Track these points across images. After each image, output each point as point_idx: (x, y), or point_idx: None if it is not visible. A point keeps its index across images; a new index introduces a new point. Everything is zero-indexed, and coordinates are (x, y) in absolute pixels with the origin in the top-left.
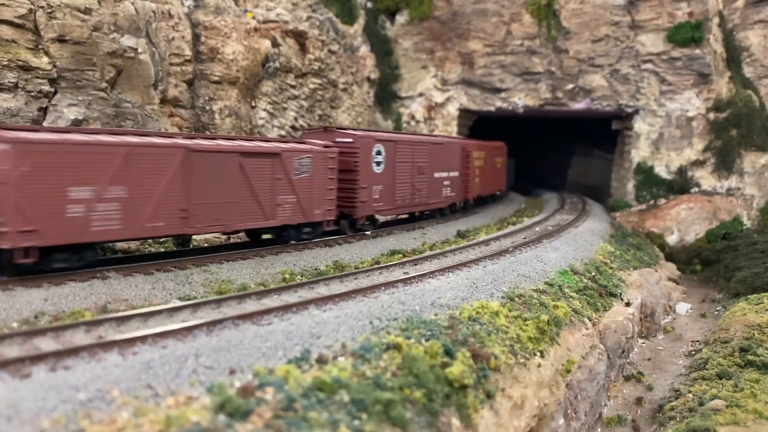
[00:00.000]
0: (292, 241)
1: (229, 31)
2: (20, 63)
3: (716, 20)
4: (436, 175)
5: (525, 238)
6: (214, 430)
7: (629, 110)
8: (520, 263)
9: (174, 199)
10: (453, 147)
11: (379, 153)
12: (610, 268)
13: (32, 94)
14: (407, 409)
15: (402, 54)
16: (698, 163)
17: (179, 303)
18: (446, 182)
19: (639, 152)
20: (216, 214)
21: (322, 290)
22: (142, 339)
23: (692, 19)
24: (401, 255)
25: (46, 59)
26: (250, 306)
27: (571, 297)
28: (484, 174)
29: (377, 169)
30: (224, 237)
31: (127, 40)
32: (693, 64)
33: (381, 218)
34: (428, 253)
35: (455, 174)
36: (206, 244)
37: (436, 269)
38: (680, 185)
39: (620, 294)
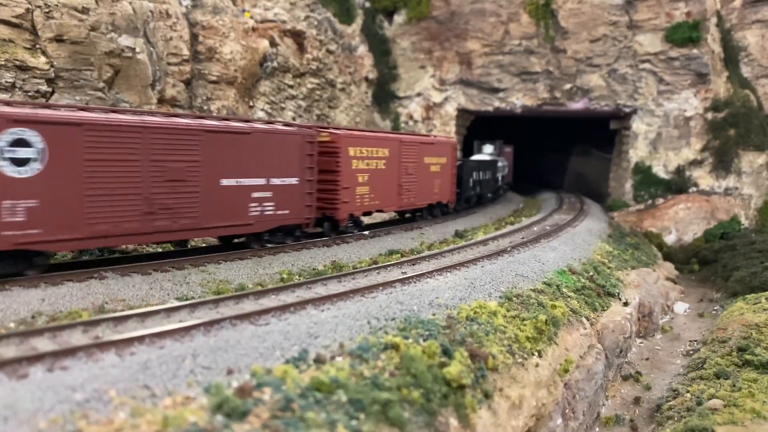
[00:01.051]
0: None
1: (227, 31)
2: (18, 63)
3: (714, 20)
4: (225, 182)
5: (523, 237)
6: (211, 430)
7: (627, 110)
8: (518, 263)
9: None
10: (286, 139)
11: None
12: (608, 267)
13: (30, 93)
14: (405, 409)
15: (400, 54)
16: (696, 163)
17: (177, 303)
18: (259, 194)
19: (637, 152)
20: None
21: (320, 290)
22: (140, 339)
23: (690, 19)
24: (399, 255)
25: (43, 59)
26: (248, 306)
27: (569, 297)
28: (388, 180)
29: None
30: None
31: (125, 40)
32: (691, 63)
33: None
34: (426, 253)
35: (291, 181)
36: (204, 245)
37: (434, 269)
38: (678, 185)
39: (618, 294)
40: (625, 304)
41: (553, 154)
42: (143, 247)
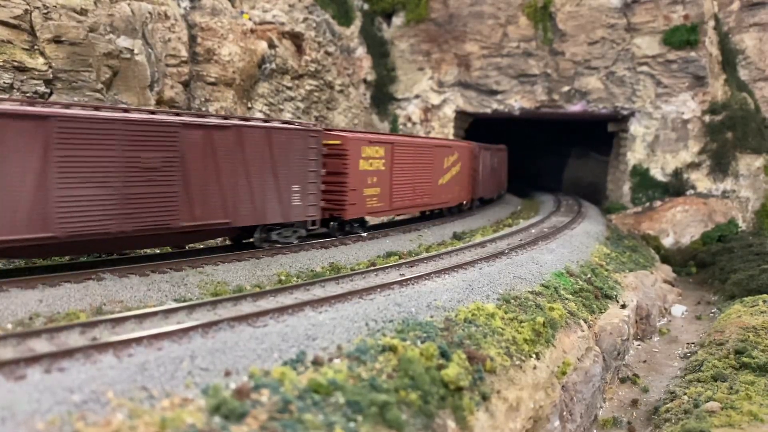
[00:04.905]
0: None
1: (225, 33)
2: (16, 64)
3: (712, 23)
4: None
5: (521, 240)
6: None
7: (625, 112)
8: (516, 265)
9: None
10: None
11: None
12: (606, 270)
13: (28, 95)
14: (403, 411)
15: (398, 56)
16: (693, 166)
17: (175, 304)
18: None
19: (635, 154)
20: None
21: (318, 292)
22: (138, 340)
23: (688, 22)
24: (397, 257)
25: (41, 60)
26: (246, 308)
27: (566, 299)
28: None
29: None
30: (219, 239)
31: (123, 41)
32: (688, 66)
33: None
34: (424, 255)
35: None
36: (201, 246)
37: (432, 271)
38: (676, 187)
39: (616, 296)
40: (623, 306)
41: (551, 156)
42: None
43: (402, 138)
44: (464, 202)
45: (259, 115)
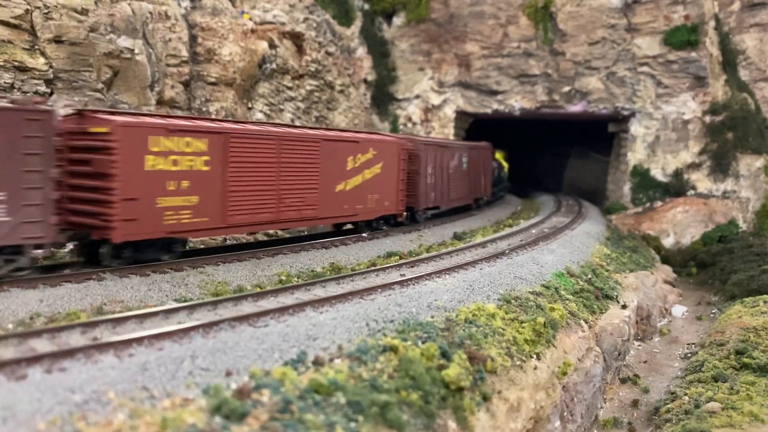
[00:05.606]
0: None
1: (226, 33)
2: (16, 64)
3: (712, 23)
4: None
5: (521, 240)
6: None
7: (625, 113)
8: (517, 265)
9: None
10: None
11: None
12: (606, 270)
13: (28, 95)
14: (404, 411)
15: (399, 56)
16: (694, 166)
17: (175, 305)
18: None
19: (635, 155)
20: None
21: (319, 292)
22: (138, 341)
23: (688, 23)
24: (398, 257)
25: (42, 60)
26: (247, 308)
27: (567, 299)
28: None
29: None
30: (220, 239)
31: (124, 41)
32: (689, 67)
33: None
34: (425, 255)
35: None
36: (202, 246)
37: (432, 271)
38: (676, 188)
39: (616, 296)
40: (623, 307)
41: (551, 156)
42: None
43: (248, 128)
44: (398, 214)
45: (259, 115)
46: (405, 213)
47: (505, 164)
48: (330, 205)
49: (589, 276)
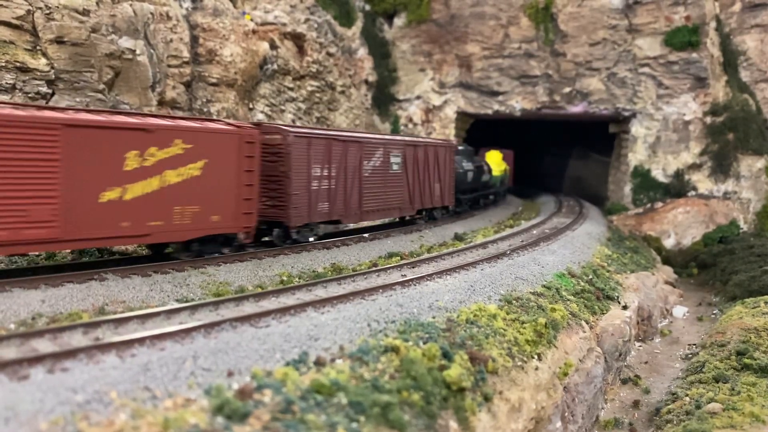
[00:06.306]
0: None
1: (227, 33)
2: (18, 64)
3: (713, 24)
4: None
5: (522, 241)
6: None
7: (626, 114)
8: (518, 266)
9: None
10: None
11: None
12: (607, 271)
13: (30, 95)
14: (405, 411)
15: (400, 57)
16: (695, 167)
17: (177, 305)
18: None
19: (636, 155)
20: None
21: (320, 292)
22: (140, 341)
23: (689, 23)
24: (399, 258)
25: (43, 60)
26: (248, 308)
27: (568, 300)
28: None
29: None
30: None
31: (125, 42)
32: (690, 68)
33: None
34: (426, 255)
35: None
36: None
37: (433, 272)
38: (677, 189)
39: (617, 297)
40: (624, 307)
41: (552, 157)
42: (142, 248)
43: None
44: (241, 232)
45: (260, 115)
46: (251, 232)
47: (503, 165)
48: (84, 221)
49: (590, 277)
